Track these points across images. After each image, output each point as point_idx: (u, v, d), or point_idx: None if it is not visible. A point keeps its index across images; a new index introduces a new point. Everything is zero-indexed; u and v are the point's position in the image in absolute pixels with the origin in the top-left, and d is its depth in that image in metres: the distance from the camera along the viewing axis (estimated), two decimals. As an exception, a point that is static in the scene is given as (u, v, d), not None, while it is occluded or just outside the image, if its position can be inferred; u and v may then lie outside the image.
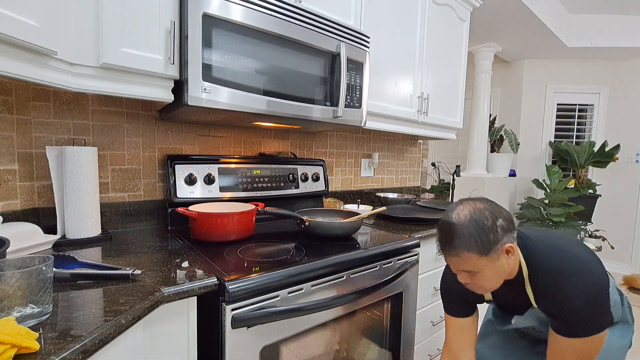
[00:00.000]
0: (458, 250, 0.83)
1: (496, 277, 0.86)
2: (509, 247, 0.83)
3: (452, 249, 0.84)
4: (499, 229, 0.82)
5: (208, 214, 1.08)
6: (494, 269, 0.84)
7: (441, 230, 0.86)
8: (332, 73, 1.30)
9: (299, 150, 1.77)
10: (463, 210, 0.84)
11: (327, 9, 1.37)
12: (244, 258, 0.96)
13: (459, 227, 0.83)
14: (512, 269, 0.87)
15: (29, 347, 0.47)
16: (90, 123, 1.16)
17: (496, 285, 0.88)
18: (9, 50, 0.72)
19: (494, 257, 0.82)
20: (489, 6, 2.42)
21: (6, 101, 0.98)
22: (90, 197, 1.03)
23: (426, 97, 1.84)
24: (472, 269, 0.84)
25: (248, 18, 1.05)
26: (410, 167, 2.50)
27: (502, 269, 0.85)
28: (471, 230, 0.81)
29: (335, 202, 1.77)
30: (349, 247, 1.10)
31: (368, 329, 1.15)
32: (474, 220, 0.82)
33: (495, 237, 0.81)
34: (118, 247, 1.01)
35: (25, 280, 0.53)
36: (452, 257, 0.86)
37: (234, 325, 0.78)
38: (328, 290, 0.96)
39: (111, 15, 0.88)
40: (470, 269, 0.84)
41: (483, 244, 0.81)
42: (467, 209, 0.84)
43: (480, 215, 0.83)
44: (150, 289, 0.71)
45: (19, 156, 1.02)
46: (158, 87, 0.99)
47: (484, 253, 0.81)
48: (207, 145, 1.44)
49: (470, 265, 0.83)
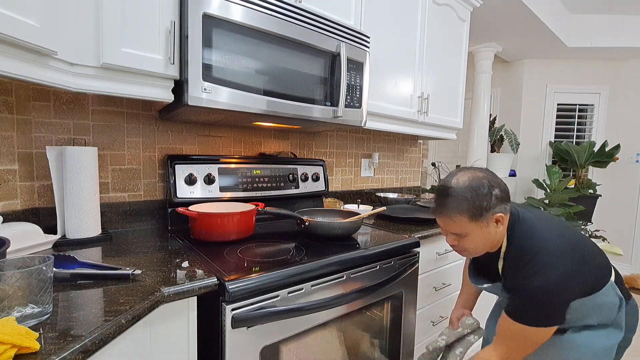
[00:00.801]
0: (451, 212, 0.88)
1: (482, 244, 0.90)
2: (500, 216, 0.87)
3: (445, 210, 0.89)
4: (494, 198, 0.86)
5: (208, 214, 1.08)
6: (482, 235, 0.88)
7: (438, 191, 0.92)
8: (332, 73, 1.30)
9: (299, 150, 1.77)
10: (462, 176, 0.89)
11: (327, 9, 1.37)
12: (244, 258, 0.96)
13: (456, 190, 0.87)
14: (497, 241, 0.92)
15: (29, 347, 0.47)
16: (91, 123, 1.16)
17: (480, 251, 0.93)
18: (9, 50, 0.72)
19: (483, 223, 0.87)
20: (489, 6, 2.42)
21: (6, 101, 0.98)
22: (91, 197, 1.03)
23: (426, 97, 1.84)
24: (461, 231, 0.89)
25: (248, 18, 1.05)
26: (411, 167, 2.50)
27: (489, 237, 0.89)
28: (466, 195, 0.86)
29: (335, 202, 1.77)
30: (349, 247, 1.10)
31: (368, 329, 1.15)
32: (471, 186, 0.86)
33: (488, 205, 0.85)
34: (118, 247, 1.01)
35: (25, 280, 0.53)
36: (444, 219, 0.91)
37: (234, 325, 0.78)
38: (328, 290, 0.96)
39: (111, 15, 0.88)
40: (459, 231, 0.89)
41: (475, 209, 0.85)
42: (466, 176, 0.88)
43: (478, 183, 0.86)
44: (151, 289, 0.71)
45: (19, 156, 1.02)
46: (158, 87, 0.99)
47: (475, 218, 0.86)
48: (207, 145, 1.44)
49: (460, 227, 0.88)
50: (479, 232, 0.88)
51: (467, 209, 0.86)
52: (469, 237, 0.89)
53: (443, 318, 1.52)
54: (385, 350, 1.22)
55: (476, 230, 0.88)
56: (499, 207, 0.87)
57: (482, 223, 0.87)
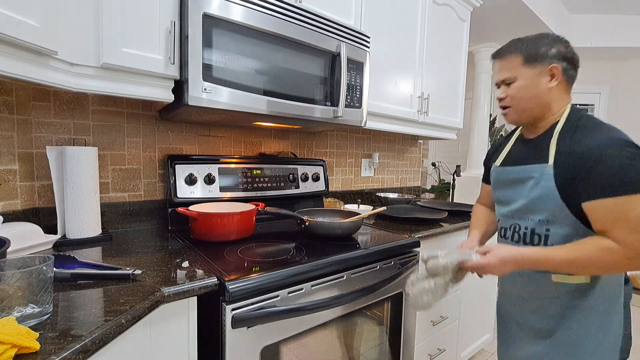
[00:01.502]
0: (506, 50, 0.90)
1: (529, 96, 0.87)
2: (555, 67, 0.84)
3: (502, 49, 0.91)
4: (554, 50, 0.84)
5: (208, 214, 1.08)
6: (531, 85, 0.86)
7: None
8: (332, 73, 1.30)
9: (299, 150, 1.77)
10: None
11: (327, 9, 1.37)
12: (244, 258, 0.96)
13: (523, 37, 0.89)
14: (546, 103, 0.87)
15: (29, 347, 0.47)
16: (91, 123, 1.16)
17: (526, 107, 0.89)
18: (9, 50, 0.72)
19: (536, 70, 0.85)
20: (489, 6, 2.42)
21: (6, 101, 0.98)
22: (91, 197, 1.03)
23: (426, 97, 1.84)
24: (512, 75, 0.88)
25: (248, 18, 1.05)
26: (411, 167, 2.50)
27: (538, 91, 0.86)
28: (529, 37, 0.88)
29: (336, 202, 1.77)
30: (349, 247, 1.10)
31: (368, 329, 1.15)
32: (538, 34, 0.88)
33: (546, 52, 0.84)
34: (118, 247, 1.01)
35: (25, 280, 0.53)
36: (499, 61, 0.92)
37: (234, 325, 0.78)
38: (328, 290, 0.96)
39: (111, 15, 0.88)
40: (509, 75, 0.88)
41: (530, 51, 0.85)
42: None
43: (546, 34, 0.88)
44: (151, 289, 0.71)
45: (19, 156, 1.02)
46: (158, 87, 0.99)
47: (529, 62, 0.85)
48: (208, 145, 1.44)
49: (511, 69, 0.88)
50: (529, 80, 0.86)
51: (525, 49, 0.86)
52: (517, 83, 0.87)
53: (443, 318, 1.52)
54: (385, 350, 1.22)
55: (526, 77, 0.86)
56: (558, 61, 0.84)
57: (534, 70, 0.85)
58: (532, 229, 0.89)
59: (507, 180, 0.96)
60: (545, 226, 0.86)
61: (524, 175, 0.91)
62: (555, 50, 0.84)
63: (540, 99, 0.87)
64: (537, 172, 0.87)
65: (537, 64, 0.85)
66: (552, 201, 0.83)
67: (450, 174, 3.18)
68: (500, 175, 1.00)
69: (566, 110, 0.88)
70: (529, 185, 0.89)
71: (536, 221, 0.88)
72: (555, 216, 0.84)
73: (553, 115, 0.89)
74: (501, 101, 0.93)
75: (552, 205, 0.84)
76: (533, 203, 0.88)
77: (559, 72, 0.85)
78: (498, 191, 1.02)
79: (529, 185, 0.89)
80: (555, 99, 0.87)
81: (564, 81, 0.87)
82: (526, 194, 0.90)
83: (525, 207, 0.91)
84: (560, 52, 0.85)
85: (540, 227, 0.87)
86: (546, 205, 0.85)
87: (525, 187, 0.90)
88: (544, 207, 0.86)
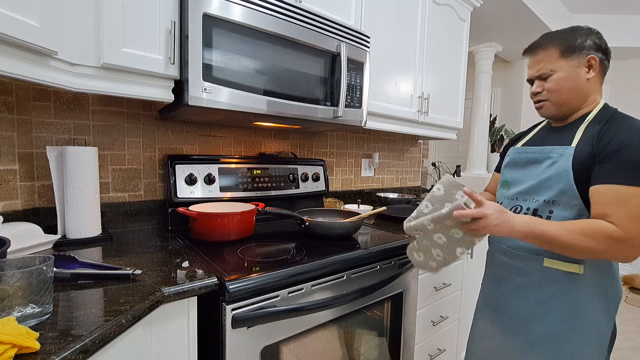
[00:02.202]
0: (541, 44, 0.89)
1: (567, 88, 0.87)
2: (593, 58, 0.85)
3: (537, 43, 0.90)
4: (590, 41, 0.85)
5: (208, 214, 1.08)
6: (569, 77, 0.86)
7: None
8: (332, 73, 1.30)
9: (299, 150, 1.77)
10: None
11: (328, 9, 1.37)
12: (244, 258, 0.96)
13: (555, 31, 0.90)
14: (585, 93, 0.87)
15: (29, 347, 0.47)
16: (91, 123, 1.17)
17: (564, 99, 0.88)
18: (10, 50, 0.72)
19: (574, 62, 0.85)
20: (490, 6, 2.42)
21: (7, 101, 0.98)
22: (91, 197, 1.03)
23: (426, 97, 1.84)
24: (549, 68, 0.87)
25: (248, 18, 1.05)
26: (411, 167, 2.50)
27: (577, 82, 0.86)
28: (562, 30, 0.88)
29: (336, 202, 1.77)
30: (349, 247, 1.10)
31: (368, 329, 1.15)
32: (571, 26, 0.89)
33: (582, 44, 0.85)
34: (118, 247, 1.01)
35: (25, 280, 0.53)
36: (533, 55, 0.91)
37: (234, 325, 0.78)
38: (328, 290, 0.96)
39: (112, 15, 0.88)
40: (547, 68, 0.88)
41: (568, 43, 0.85)
42: None
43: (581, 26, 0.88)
44: (151, 289, 0.71)
45: (19, 156, 1.02)
46: (158, 87, 0.99)
47: (567, 54, 0.85)
48: (208, 145, 1.44)
49: (549, 62, 0.87)
50: (567, 71, 0.86)
51: (560, 41, 0.86)
52: (555, 75, 0.87)
53: (443, 318, 1.52)
54: (385, 350, 1.22)
55: (565, 69, 0.86)
56: (594, 52, 0.85)
57: (572, 62, 0.85)
58: (534, 209, 0.89)
59: (524, 160, 0.97)
60: (549, 207, 0.86)
61: (542, 156, 0.91)
62: (590, 41, 0.85)
63: (580, 90, 0.87)
64: (557, 152, 0.87)
65: (575, 56, 0.85)
66: (563, 180, 0.84)
67: (450, 174, 3.18)
68: (517, 155, 0.99)
69: (600, 104, 0.89)
70: (545, 165, 0.89)
71: (541, 202, 0.88)
72: (563, 196, 0.84)
73: (587, 106, 0.89)
74: (536, 95, 0.93)
75: (563, 184, 0.84)
76: (543, 183, 0.88)
77: (596, 62, 0.86)
78: (509, 172, 1.01)
79: (545, 165, 0.89)
80: (593, 90, 0.88)
81: (600, 72, 0.88)
82: (537, 175, 0.90)
83: (533, 187, 0.91)
84: (596, 43, 0.86)
85: (545, 208, 0.87)
86: (556, 184, 0.85)
87: (540, 167, 0.91)
88: (554, 186, 0.86)
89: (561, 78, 0.87)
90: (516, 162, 0.99)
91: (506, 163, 1.04)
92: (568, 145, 0.86)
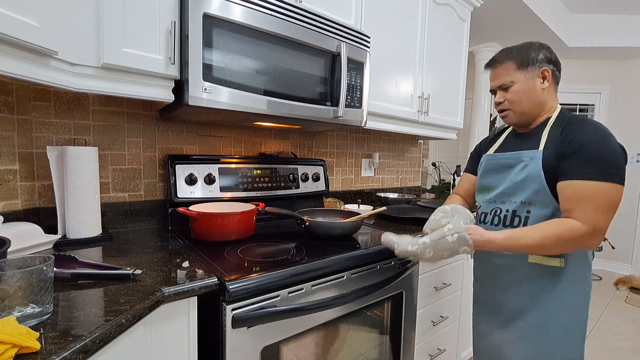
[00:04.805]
0: (500, 59, 0.99)
1: (526, 98, 0.96)
2: (546, 70, 0.94)
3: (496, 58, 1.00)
4: (542, 55, 0.95)
5: (208, 214, 1.08)
6: (527, 87, 0.95)
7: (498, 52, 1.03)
8: (332, 73, 1.30)
9: (299, 150, 1.77)
10: None
11: (328, 9, 1.37)
12: (244, 258, 0.96)
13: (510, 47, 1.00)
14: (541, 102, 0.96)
15: (29, 347, 0.47)
16: (91, 123, 1.17)
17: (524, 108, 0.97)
18: (10, 50, 0.72)
19: (529, 74, 0.95)
20: (490, 6, 2.42)
21: (7, 101, 0.98)
22: (91, 197, 1.03)
23: (427, 97, 1.84)
24: (508, 80, 0.97)
25: (248, 18, 1.05)
26: (411, 167, 2.50)
27: (533, 92, 0.95)
28: (517, 46, 0.99)
29: (336, 202, 1.77)
30: (349, 247, 1.10)
31: (368, 329, 1.15)
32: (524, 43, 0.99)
33: (535, 57, 0.95)
34: (119, 247, 1.01)
35: (26, 280, 0.53)
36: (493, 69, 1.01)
37: (234, 325, 0.78)
38: (328, 290, 0.96)
39: (112, 15, 0.88)
40: (506, 80, 0.97)
41: (522, 56, 0.95)
42: None
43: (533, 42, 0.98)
44: (151, 289, 0.71)
45: (19, 156, 1.02)
46: (159, 87, 0.99)
47: (522, 66, 0.95)
48: (208, 145, 1.45)
49: (507, 75, 0.97)
50: (524, 83, 0.95)
51: (516, 55, 0.96)
52: (514, 87, 0.96)
53: (443, 318, 1.52)
54: (385, 350, 1.22)
55: (522, 81, 0.95)
56: (547, 65, 0.95)
57: (528, 74, 0.95)
58: (513, 210, 0.97)
59: (498, 165, 1.04)
60: (527, 207, 0.94)
61: (514, 160, 0.99)
62: (542, 55, 0.95)
63: (537, 99, 0.96)
64: (527, 156, 0.95)
65: (530, 68, 0.95)
66: (536, 181, 0.91)
67: (450, 174, 3.18)
68: (491, 162, 1.07)
69: (557, 108, 0.99)
70: (518, 168, 0.97)
71: (518, 203, 0.96)
72: (538, 195, 0.91)
73: (546, 113, 0.98)
74: (499, 105, 1.01)
75: (536, 185, 0.91)
76: (518, 185, 0.96)
77: (549, 74, 0.95)
78: (485, 178, 1.08)
79: (518, 168, 0.97)
80: (548, 99, 0.97)
81: (553, 82, 0.98)
82: (512, 178, 0.98)
83: (509, 189, 0.98)
84: (547, 56, 0.96)
85: (522, 208, 0.95)
86: (531, 185, 0.93)
87: (513, 171, 0.98)
88: (528, 187, 0.93)
89: (519, 90, 0.96)
90: (490, 168, 1.06)
91: (482, 171, 1.11)
92: (536, 149, 0.94)
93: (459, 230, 0.89)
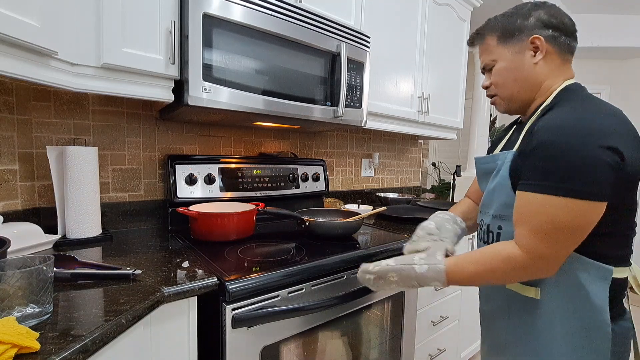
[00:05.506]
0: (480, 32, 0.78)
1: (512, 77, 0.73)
2: (536, 38, 0.69)
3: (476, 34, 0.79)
4: (533, 19, 0.70)
5: (208, 214, 1.08)
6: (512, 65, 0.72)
7: None
8: (332, 73, 1.30)
9: (299, 150, 1.77)
10: None
11: (328, 9, 1.37)
12: (244, 258, 0.96)
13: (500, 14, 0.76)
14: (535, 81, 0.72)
15: (29, 347, 0.47)
16: (91, 123, 1.17)
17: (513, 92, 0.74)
18: (10, 50, 0.72)
19: (515, 47, 0.72)
20: (490, 6, 2.42)
21: (7, 101, 0.98)
22: (91, 197, 1.03)
23: (427, 97, 1.84)
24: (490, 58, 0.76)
25: (248, 18, 1.05)
26: (411, 167, 2.50)
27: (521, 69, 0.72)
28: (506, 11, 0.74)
29: (336, 202, 1.77)
30: (349, 247, 1.10)
31: (368, 329, 1.15)
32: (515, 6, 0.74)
33: (523, 24, 0.71)
34: (118, 247, 1.01)
35: (26, 280, 0.53)
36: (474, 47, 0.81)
37: (234, 325, 0.78)
38: (328, 290, 0.96)
39: (112, 15, 0.88)
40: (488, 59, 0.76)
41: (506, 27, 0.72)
42: None
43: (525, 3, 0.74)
44: (151, 289, 0.71)
45: (19, 156, 1.02)
46: (158, 87, 0.99)
47: (505, 39, 0.73)
48: (208, 145, 1.44)
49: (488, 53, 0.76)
50: (509, 59, 0.72)
51: (498, 27, 0.74)
52: (497, 66, 0.74)
53: (443, 318, 1.52)
54: (385, 350, 1.22)
55: (506, 57, 0.73)
56: (540, 30, 0.69)
57: (513, 47, 0.72)
58: (487, 224, 0.78)
59: (481, 171, 0.85)
60: (497, 222, 0.74)
61: (492, 165, 0.77)
62: (534, 19, 0.70)
63: (526, 79, 0.72)
64: (500, 159, 0.74)
65: (515, 40, 0.72)
66: (504, 191, 0.71)
67: (450, 174, 3.18)
68: (476, 166, 0.87)
69: (559, 87, 0.71)
70: (492, 175, 0.76)
71: (490, 216, 0.77)
72: (507, 208, 0.70)
73: (541, 96, 0.73)
74: (487, 90, 0.80)
75: (504, 196, 0.71)
76: (490, 195, 0.77)
77: (542, 42, 0.70)
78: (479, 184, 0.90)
79: (492, 175, 0.76)
80: (545, 76, 0.71)
81: (555, 52, 0.71)
82: (488, 187, 0.78)
83: (485, 199, 0.79)
84: (542, 19, 0.70)
85: (494, 223, 0.75)
86: (499, 197, 0.73)
87: (490, 178, 0.78)
88: (497, 198, 0.74)
89: (502, 68, 0.74)
90: (478, 173, 0.88)
91: None
92: (510, 150, 0.71)
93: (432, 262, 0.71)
